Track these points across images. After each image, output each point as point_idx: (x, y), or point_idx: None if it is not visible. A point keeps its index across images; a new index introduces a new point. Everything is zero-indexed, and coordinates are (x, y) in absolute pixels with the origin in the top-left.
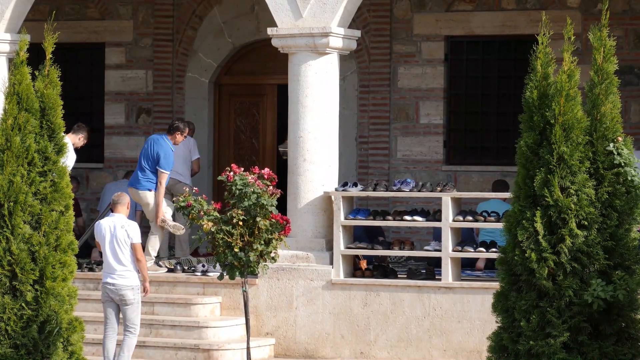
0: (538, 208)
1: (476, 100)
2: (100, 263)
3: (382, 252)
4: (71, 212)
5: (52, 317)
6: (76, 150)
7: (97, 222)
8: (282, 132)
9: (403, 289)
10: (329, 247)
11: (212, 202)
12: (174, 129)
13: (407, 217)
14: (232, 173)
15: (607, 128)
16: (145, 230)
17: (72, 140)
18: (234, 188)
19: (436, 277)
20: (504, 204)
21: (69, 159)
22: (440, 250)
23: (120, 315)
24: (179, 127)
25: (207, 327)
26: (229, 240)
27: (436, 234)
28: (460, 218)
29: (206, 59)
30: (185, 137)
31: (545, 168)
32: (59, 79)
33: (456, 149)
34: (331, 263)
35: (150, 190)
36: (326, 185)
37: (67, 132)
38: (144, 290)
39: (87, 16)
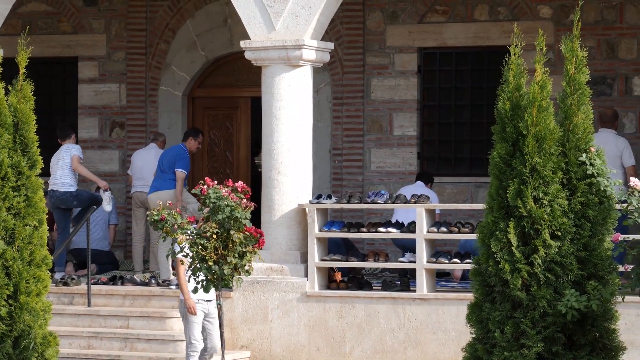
0: (511, 219)
1: (449, 112)
2: (73, 278)
3: (356, 263)
4: (45, 227)
5: (26, 332)
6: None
7: None
8: (256, 144)
9: (378, 301)
10: (304, 259)
11: (186, 215)
12: (186, 135)
13: (382, 229)
14: (205, 186)
15: (579, 139)
16: (119, 245)
17: (72, 142)
18: (207, 201)
19: (411, 288)
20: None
21: (79, 150)
22: (414, 262)
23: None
24: (189, 133)
25: (182, 340)
26: (203, 253)
27: (402, 246)
28: (435, 229)
29: (179, 72)
30: (199, 143)
31: (518, 179)
32: (32, 93)
33: (430, 160)
34: (306, 275)
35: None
36: (300, 198)
37: (42, 145)
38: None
39: (60, 30)
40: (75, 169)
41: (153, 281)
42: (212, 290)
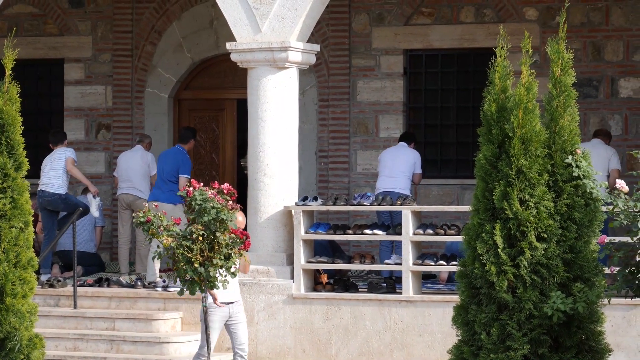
0: (497, 221)
1: (435, 114)
2: (59, 280)
3: (342, 266)
4: (31, 229)
5: (12, 334)
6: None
7: None
8: (242, 146)
9: (364, 303)
10: (290, 261)
11: (172, 217)
12: (186, 137)
13: (368, 231)
14: (191, 188)
15: (565, 140)
16: (105, 247)
17: (66, 145)
18: (193, 203)
19: (397, 290)
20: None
21: (74, 153)
22: (400, 264)
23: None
24: (189, 135)
25: (168, 342)
26: (188, 255)
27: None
28: (421, 231)
29: (165, 74)
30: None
31: (504, 181)
32: (18, 95)
33: None
34: (292, 277)
35: (174, 204)
36: (286, 200)
37: (28, 147)
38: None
39: (46, 32)
40: (69, 171)
41: (139, 283)
42: (235, 292)
